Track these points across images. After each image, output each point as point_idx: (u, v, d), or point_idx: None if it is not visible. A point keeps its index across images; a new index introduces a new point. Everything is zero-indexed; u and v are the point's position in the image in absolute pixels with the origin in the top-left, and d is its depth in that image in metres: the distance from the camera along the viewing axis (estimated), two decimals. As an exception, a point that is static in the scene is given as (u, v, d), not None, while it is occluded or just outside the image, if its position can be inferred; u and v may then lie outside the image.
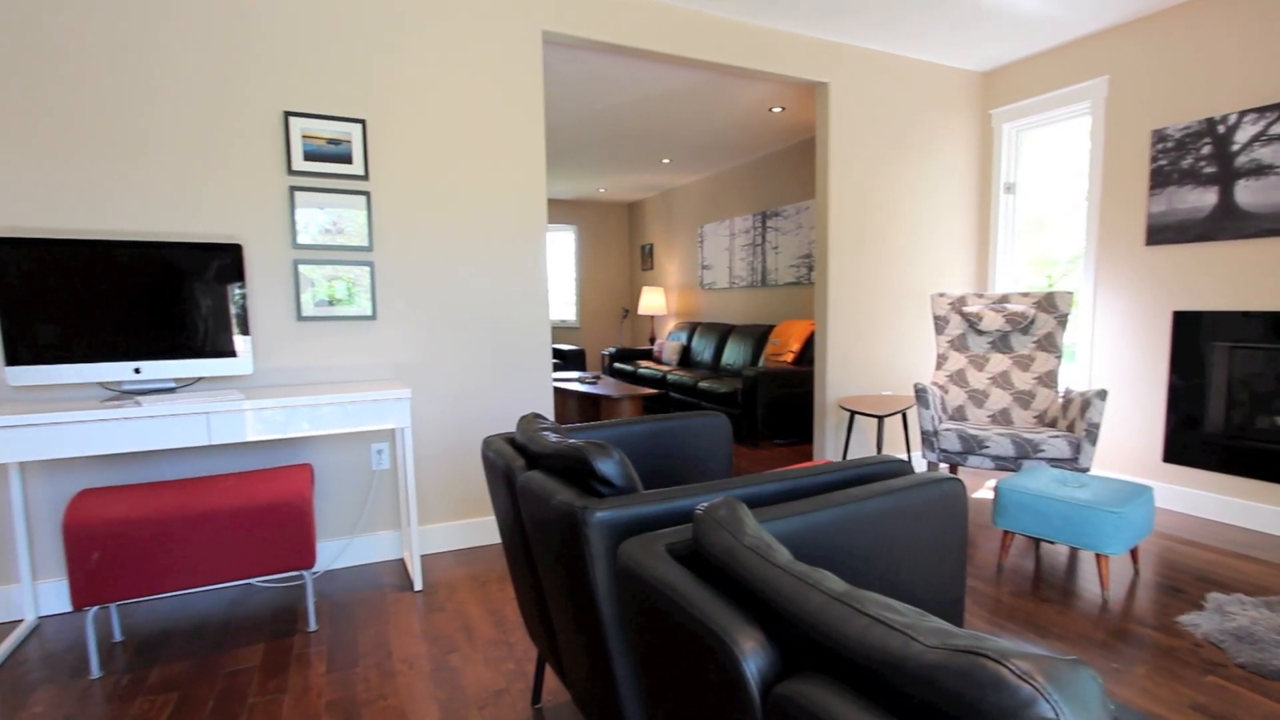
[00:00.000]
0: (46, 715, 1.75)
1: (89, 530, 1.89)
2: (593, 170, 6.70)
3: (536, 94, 2.91)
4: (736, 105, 4.57)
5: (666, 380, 6.07)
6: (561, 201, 8.48)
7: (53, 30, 2.22)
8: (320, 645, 2.08)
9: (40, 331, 2.13)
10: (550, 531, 1.20)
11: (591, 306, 8.77)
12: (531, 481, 1.24)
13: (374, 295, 2.67)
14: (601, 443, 1.18)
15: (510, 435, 1.60)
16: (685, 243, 7.60)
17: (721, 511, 0.93)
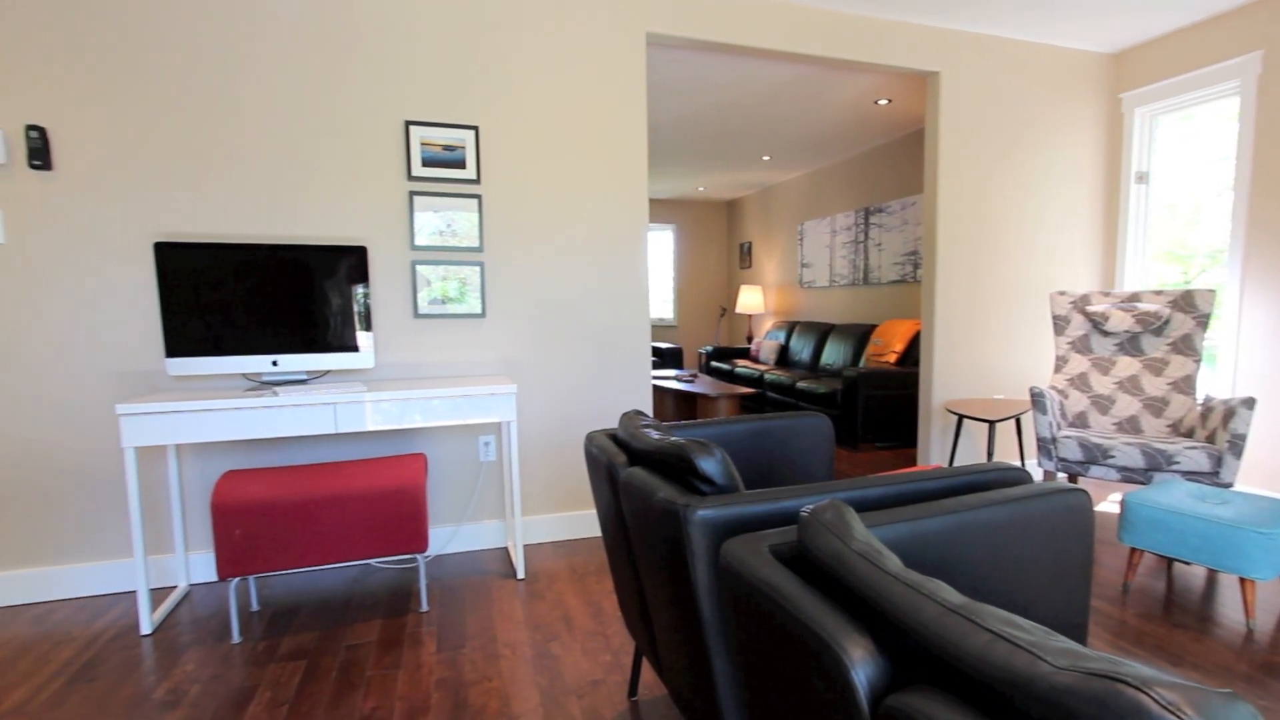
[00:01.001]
0: (196, 674, 1.96)
1: (233, 508, 2.10)
2: (692, 169, 6.71)
3: (639, 95, 2.95)
4: (840, 99, 4.44)
5: (764, 380, 5.99)
6: (661, 201, 8.55)
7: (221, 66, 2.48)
8: (431, 626, 2.21)
9: (194, 327, 2.38)
10: (652, 528, 1.22)
11: (689, 305, 8.79)
12: (634, 478, 1.27)
13: (484, 294, 2.81)
14: (704, 441, 1.19)
15: (612, 431, 1.64)
16: (784, 240, 7.47)
17: (828, 515, 0.92)
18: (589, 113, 2.90)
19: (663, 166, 6.58)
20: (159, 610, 2.34)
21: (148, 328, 2.50)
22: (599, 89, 2.90)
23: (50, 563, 2.48)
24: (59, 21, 2.35)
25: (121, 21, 2.40)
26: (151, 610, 2.30)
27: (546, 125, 2.84)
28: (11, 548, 2.44)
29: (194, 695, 1.85)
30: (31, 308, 2.40)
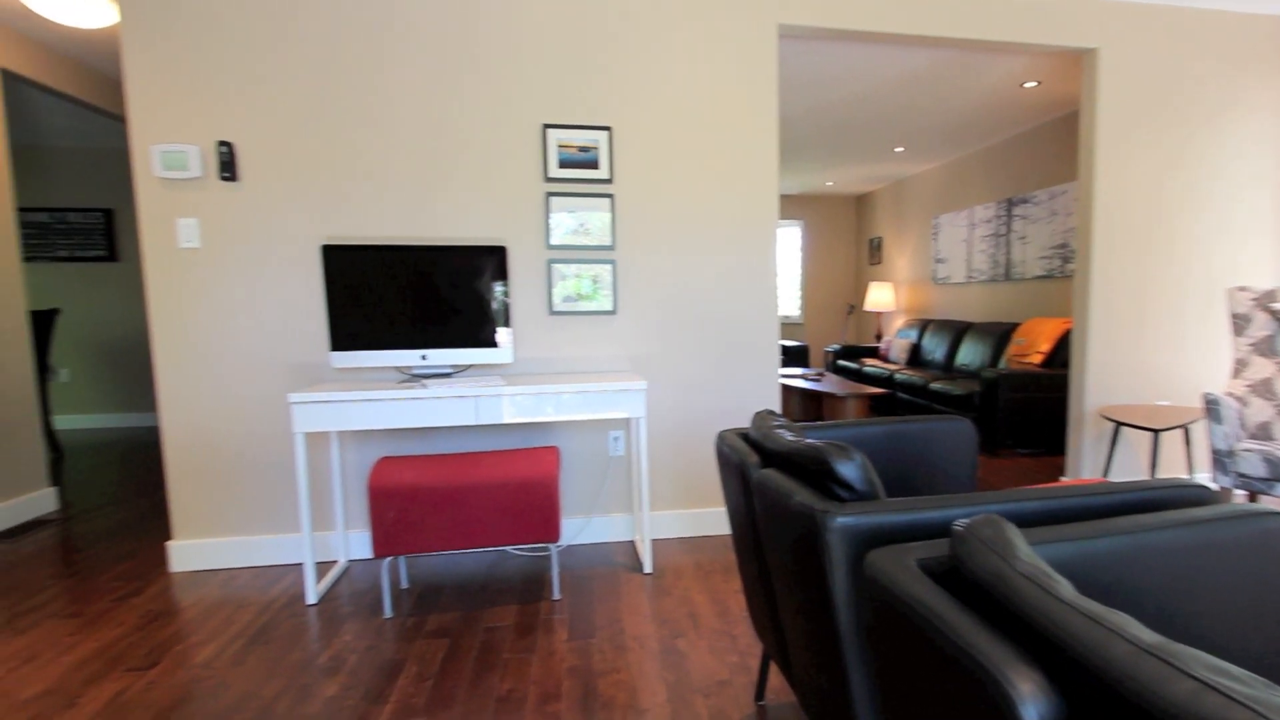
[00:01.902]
0: (354, 644, 2.15)
1: (387, 492, 2.28)
2: (821, 163, 6.52)
3: (770, 90, 2.91)
4: (981, 84, 4.14)
5: (894, 380, 5.71)
6: (788, 196, 8.39)
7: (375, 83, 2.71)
8: (562, 614, 2.30)
9: (354, 323, 2.61)
10: (786, 531, 1.19)
11: (816, 302, 8.56)
12: (768, 480, 1.25)
13: (615, 291, 2.88)
14: (842, 444, 1.14)
15: (744, 431, 1.62)
16: (917, 235, 7.08)
17: (986, 530, 0.85)
18: (719, 109, 2.89)
19: (791, 161, 6.44)
20: (323, 582, 2.59)
21: (315, 324, 2.78)
22: (730, 85, 2.89)
23: (234, 533, 2.82)
24: (243, 49, 2.66)
25: (291, 46, 2.67)
26: (316, 582, 2.55)
27: (677, 123, 2.87)
28: (204, 519, 2.80)
29: (351, 664, 2.02)
30: (220, 306, 2.73)
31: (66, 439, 5.53)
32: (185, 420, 2.75)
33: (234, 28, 2.63)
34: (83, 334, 5.90)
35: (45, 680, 1.97)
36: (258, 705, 1.82)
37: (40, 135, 5.54)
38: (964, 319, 6.26)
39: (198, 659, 2.07)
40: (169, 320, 2.71)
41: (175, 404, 2.74)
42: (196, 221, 2.68)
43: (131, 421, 6.06)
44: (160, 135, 2.65)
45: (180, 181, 2.67)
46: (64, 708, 1.83)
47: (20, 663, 2.06)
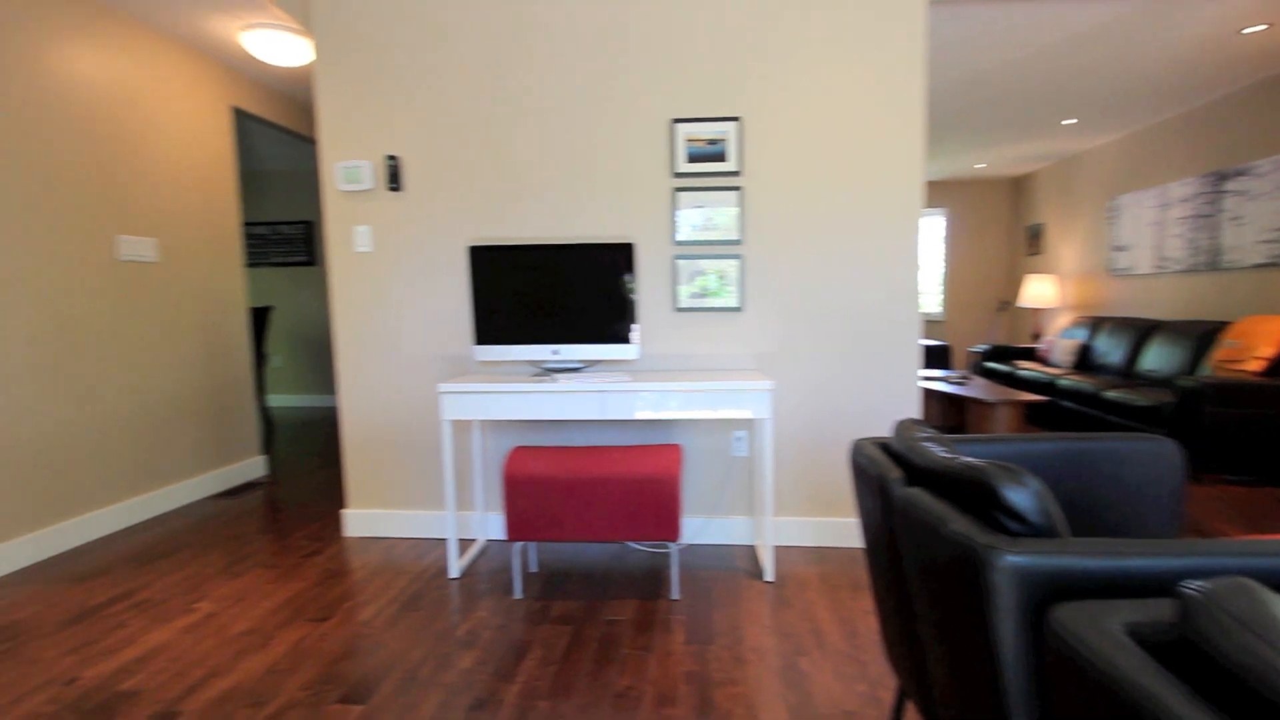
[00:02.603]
0: (488, 620, 2.14)
1: (520, 480, 2.26)
2: (971, 144, 5.81)
3: (916, 65, 2.55)
4: (1181, 35, 3.42)
5: (1056, 386, 4.95)
6: (931, 182, 7.60)
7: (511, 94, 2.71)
8: (680, 615, 2.15)
9: (495, 319, 2.62)
10: (936, 562, 0.95)
11: (960, 297, 7.71)
12: (915, 501, 1.01)
13: (741, 287, 2.68)
14: (1012, 466, 0.89)
15: (883, 441, 1.37)
16: (1089, 220, 6.10)
17: (1239, 602, 0.59)
18: (858, 91, 2.58)
19: (935, 144, 5.80)
20: (464, 558, 2.64)
21: (464, 320, 2.84)
22: (870, 63, 2.57)
23: (394, 506, 2.96)
24: (407, 74, 2.76)
25: (446, 66, 2.73)
26: (458, 557, 2.60)
27: (811, 109, 2.60)
28: (371, 491, 2.96)
29: (485, 640, 2.01)
30: (387, 303, 2.87)
31: (276, 415, 6.26)
32: (358, 403, 2.93)
33: (400, 56, 2.75)
34: (290, 327, 6.66)
35: (249, 620, 2.15)
36: (405, 667, 1.86)
37: (258, 161, 6.32)
38: (1150, 316, 5.30)
39: (360, 617, 2.16)
40: (347, 316, 2.90)
41: (351, 389, 2.93)
42: (369, 228, 2.84)
43: (327, 402, 6.75)
44: (342, 153, 2.82)
45: (356, 193, 2.83)
46: (260, 646, 1.98)
47: (233, 602, 2.28)
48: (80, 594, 2.39)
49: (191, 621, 2.16)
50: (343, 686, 1.78)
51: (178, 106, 3.50)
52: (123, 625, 2.15)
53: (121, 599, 2.34)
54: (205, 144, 3.70)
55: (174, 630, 2.11)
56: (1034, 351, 6.21)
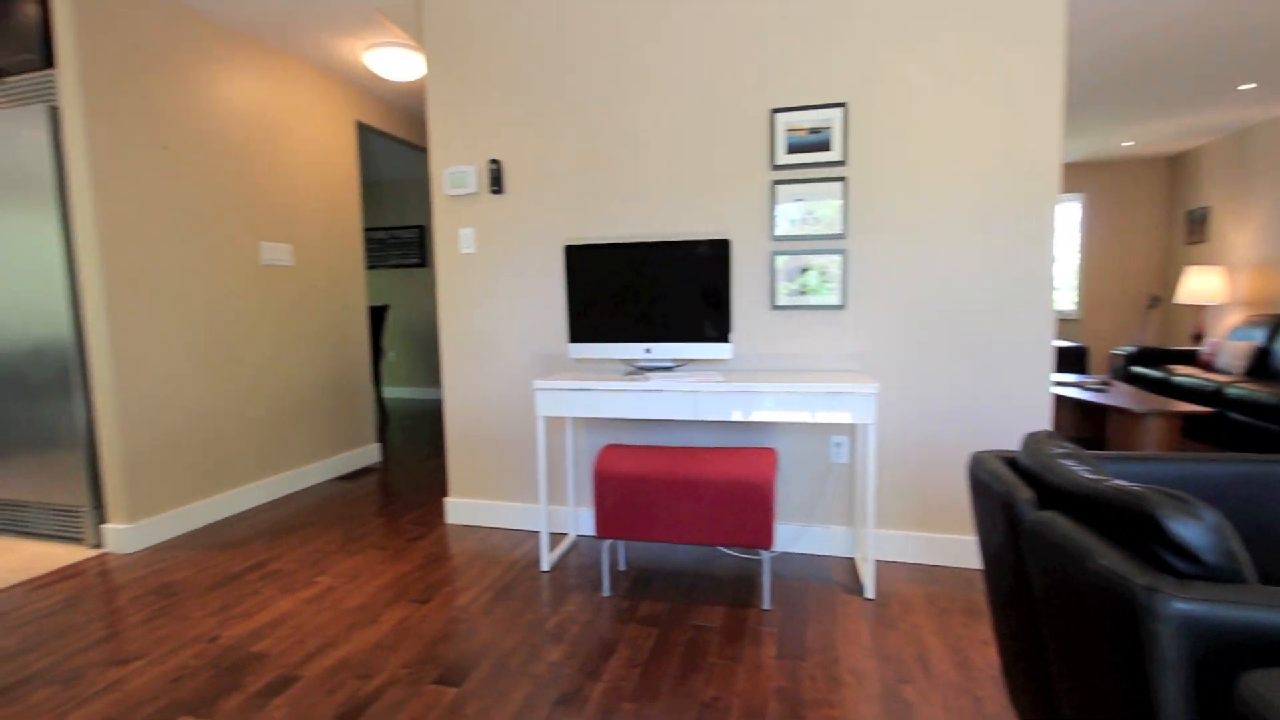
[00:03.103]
0: (576, 615, 2.12)
1: (610, 478, 2.21)
2: (1118, 119, 5.10)
3: (1054, 27, 2.25)
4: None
5: (1224, 395, 4.26)
6: (1066, 164, 6.80)
7: (609, 93, 2.68)
8: (772, 627, 2.02)
9: (589, 317, 2.60)
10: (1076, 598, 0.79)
11: (1099, 293, 6.84)
12: (1051, 527, 0.85)
13: (844, 284, 2.48)
14: (1181, 494, 0.71)
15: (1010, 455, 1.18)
16: (1272, 201, 5.20)
17: None
18: (982, 65, 2.31)
19: (1072, 121, 5.18)
20: (555, 552, 2.64)
21: (557, 318, 2.85)
22: (996, 32, 2.29)
23: (491, 497, 3.02)
24: (507, 81, 2.80)
25: (542, 71, 2.74)
26: (549, 551, 2.61)
27: (927, 88, 2.36)
28: (470, 482, 3.04)
29: (573, 634, 1.99)
30: (488, 301, 2.93)
31: (389, 406, 6.66)
32: (460, 398, 3.02)
33: (503, 64, 2.79)
34: (403, 324, 7.08)
35: (361, 596, 2.26)
36: (497, 655, 1.88)
37: (377, 171, 6.77)
38: (1334, 319, 4.46)
39: (458, 602, 2.21)
40: (451, 314, 2.99)
41: (454, 383, 3.02)
42: (473, 230, 2.91)
43: (435, 395, 7.11)
44: (450, 160, 2.92)
45: (462, 197, 2.92)
46: (369, 622, 2.07)
47: (348, 579, 2.41)
48: (224, 561, 2.61)
49: (313, 594, 2.30)
50: (440, 668, 1.82)
51: (309, 123, 3.77)
52: (257, 592, 2.32)
53: (257, 568, 2.54)
54: (333, 156, 3.97)
55: (298, 600, 2.25)
56: (1194, 355, 5.42)
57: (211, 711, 1.64)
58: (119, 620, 2.13)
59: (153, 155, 2.86)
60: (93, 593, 2.35)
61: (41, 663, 1.88)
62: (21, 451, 2.88)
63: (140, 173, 2.81)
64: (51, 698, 1.71)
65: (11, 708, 1.67)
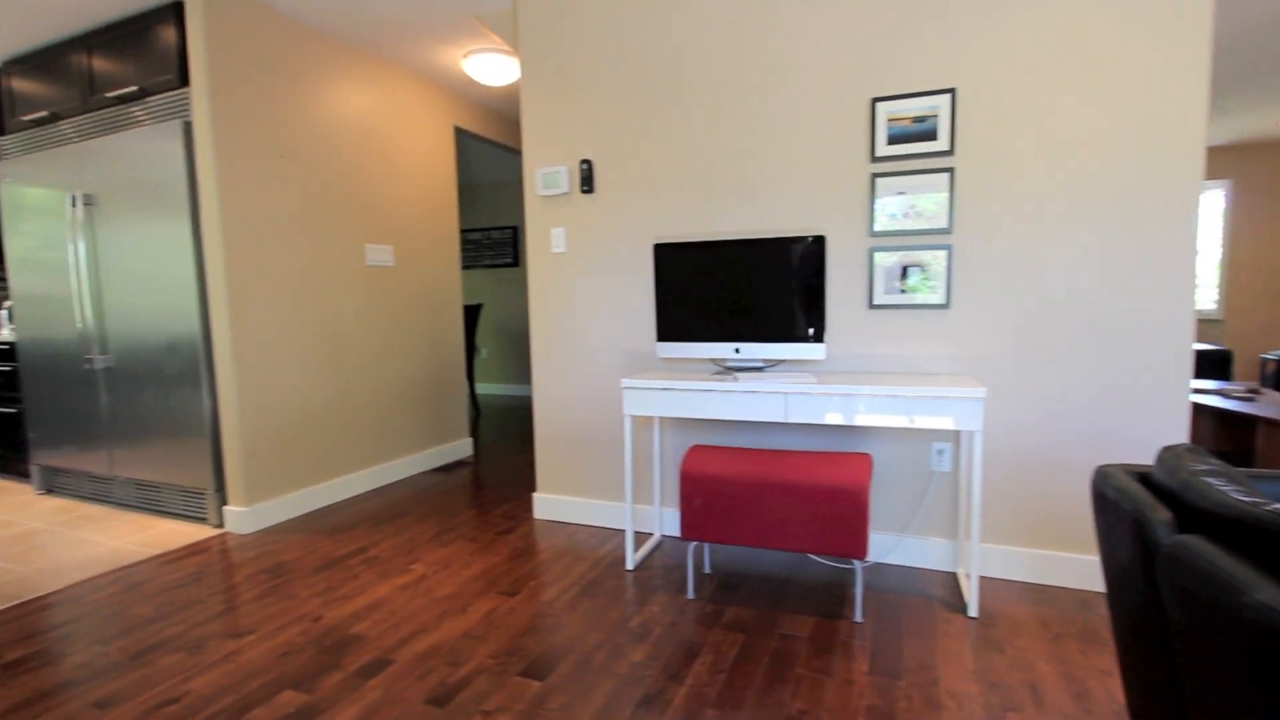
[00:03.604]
0: (660, 616, 2.13)
1: (697, 479, 2.22)
2: (1270, 98, 4.60)
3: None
4: None
5: (1396, 409, 3.75)
6: (1209, 149, 6.17)
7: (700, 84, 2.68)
8: (864, 640, 1.96)
9: (677, 315, 2.61)
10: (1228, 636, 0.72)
11: (1247, 292, 6.14)
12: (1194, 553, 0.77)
13: (949, 281, 2.36)
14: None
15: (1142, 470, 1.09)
16: None
17: None
18: (1110, 41, 2.13)
19: (1217, 101, 4.69)
20: (640, 551, 2.67)
21: (645, 316, 2.88)
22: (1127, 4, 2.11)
23: (577, 494, 3.09)
24: (596, 81, 2.86)
25: (630, 68, 2.78)
26: (634, 550, 2.64)
27: (1047, 69, 2.20)
28: (558, 478, 3.13)
29: (656, 635, 2.01)
30: (577, 300, 3.00)
31: (482, 402, 6.94)
32: (549, 394, 3.11)
33: (594, 66, 2.86)
34: (497, 322, 7.37)
35: (452, 586, 2.39)
36: (581, 651, 1.92)
37: (473, 174, 7.08)
38: None
39: (544, 597, 2.29)
40: (542, 312, 3.09)
41: (543, 381, 3.12)
42: (563, 230, 2.99)
43: (525, 392, 7.35)
44: (542, 161, 3.01)
45: (554, 197, 3.00)
46: (459, 611, 2.18)
47: (440, 568, 2.55)
48: (328, 545, 2.82)
49: (407, 580, 2.44)
50: (525, 660, 1.88)
51: (411, 129, 3.99)
52: (356, 576, 2.49)
53: (357, 553, 2.72)
54: (432, 161, 4.18)
55: (394, 586, 2.39)
56: (1360, 363, 4.77)
57: (314, 688, 1.77)
58: (236, 596, 2.34)
59: (270, 164, 3.12)
60: (214, 569, 2.60)
61: (170, 630, 2.10)
62: (158, 437, 3.22)
63: (259, 180, 3.07)
64: (178, 664, 1.91)
65: (145, 670, 1.88)
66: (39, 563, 2.71)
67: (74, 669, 1.88)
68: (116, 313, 3.27)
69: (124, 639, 2.05)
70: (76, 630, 2.12)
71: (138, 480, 3.36)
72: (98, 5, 3.01)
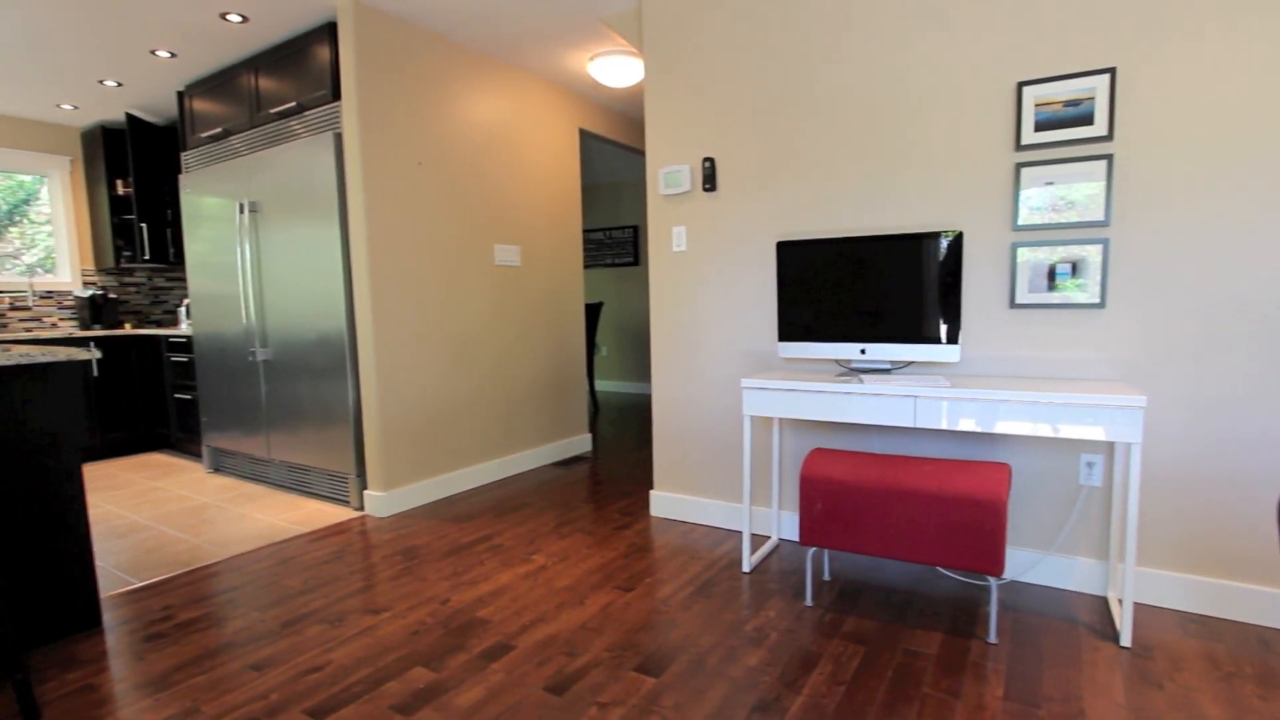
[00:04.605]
0: (776, 621, 2.21)
1: (818, 483, 2.27)
2: None
3: None
4: None
5: None
6: None
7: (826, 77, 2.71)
8: (998, 663, 1.93)
9: (799, 314, 2.67)
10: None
11: None
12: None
13: (1104, 279, 2.25)
14: None
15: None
16: None
17: None
18: (1314, 7, 1.95)
19: None
20: (756, 554, 2.76)
21: (768, 315, 2.95)
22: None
23: (694, 493, 3.22)
24: (719, 78, 2.95)
25: (754, 61, 2.84)
26: (751, 553, 2.73)
27: (1222, 35, 2.04)
28: (675, 476, 3.28)
29: (772, 641, 2.08)
30: (697, 299, 3.13)
31: (602, 398, 7.25)
32: (668, 392, 3.26)
33: (718, 64, 2.96)
34: (616, 320, 7.67)
35: (570, 578, 2.59)
36: (695, 652, 2.03)
37: (595, 175, 7.41)
38: None
39: (659, 594, 2.43)
40: (662, 311, 3.24)
41: (663, 379, 3.28)
42: (684, 229, 3.12)
43: (643, 389, 7.59)
44: (665, 159, 3.16)
45: (676, 196, 3.14)
46: (577, 603, 2.37)
47: (558, 560, 2.77)
48: (456, 532, 3.13)
49: (528, 570, 2.68)
50: (640, 656, 2.01)
51: (537, 133, 4.29)
52: (481, 563, 2.76)
53: (483, 541, 3.01)
54: (558, 163, 4.47)
55: (516, 575, 2.63)
56: None
57: (441, 666, 1.99)
58: (372, 575, 2.67)
59: (409, 171, 3.49)
60: (354, 548, 2.97)
61: (316, 603, 2.44)
62: (309, 424, 3.71)
63: (399, 187, 3.45)
64: (322, 634, 2.21)
65: (294, 638, 2.20)
66: (208, 534, 3.22)
67: (235, 632, 2.24)
68: (275, 310, 3.79)
69: (277, 608, 2.41)
70: (238, 597, 2.51)
71: (290, 463, 3.88)
72: (266, 30, 3.50)
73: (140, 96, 4.56)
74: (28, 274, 5.10)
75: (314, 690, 1.89)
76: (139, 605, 2.46)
